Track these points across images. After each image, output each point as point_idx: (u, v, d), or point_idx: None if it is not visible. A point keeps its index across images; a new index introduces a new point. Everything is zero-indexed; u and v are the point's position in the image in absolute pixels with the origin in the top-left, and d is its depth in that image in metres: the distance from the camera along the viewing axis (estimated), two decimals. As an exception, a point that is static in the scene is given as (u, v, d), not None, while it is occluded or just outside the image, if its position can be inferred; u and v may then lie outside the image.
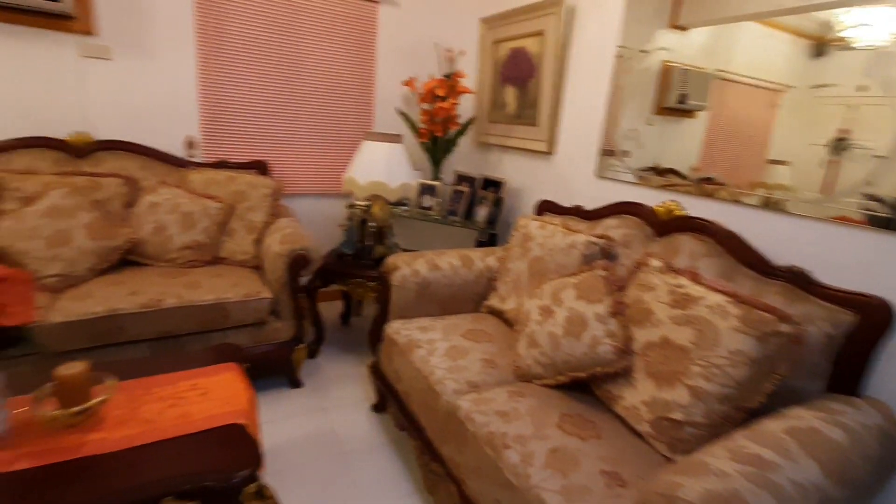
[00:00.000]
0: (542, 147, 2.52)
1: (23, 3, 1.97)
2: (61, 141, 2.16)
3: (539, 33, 2.48)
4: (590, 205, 2.11)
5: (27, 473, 0.99)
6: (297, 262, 1.99)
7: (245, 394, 1.33)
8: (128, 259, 2.04)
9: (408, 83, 2.83)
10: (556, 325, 1.42)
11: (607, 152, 2.13)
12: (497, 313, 1.90)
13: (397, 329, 1.75)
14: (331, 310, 2.96)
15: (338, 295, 3.03)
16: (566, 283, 1.51)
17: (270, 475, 1.63)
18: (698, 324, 1.20)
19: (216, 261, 2.17)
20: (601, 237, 1.65)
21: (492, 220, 2.65)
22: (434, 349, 1.58)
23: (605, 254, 1.65)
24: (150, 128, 2.42)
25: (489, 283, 2.03)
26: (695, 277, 1.29)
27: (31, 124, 2.18)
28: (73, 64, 2.22)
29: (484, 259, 2.04)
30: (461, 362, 1.51)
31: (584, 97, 2.26)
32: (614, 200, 2.04)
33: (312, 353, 2.38)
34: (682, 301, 1.25)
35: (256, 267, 2.20)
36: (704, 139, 1.74)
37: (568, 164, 2.39)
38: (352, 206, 2.46)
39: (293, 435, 1.84)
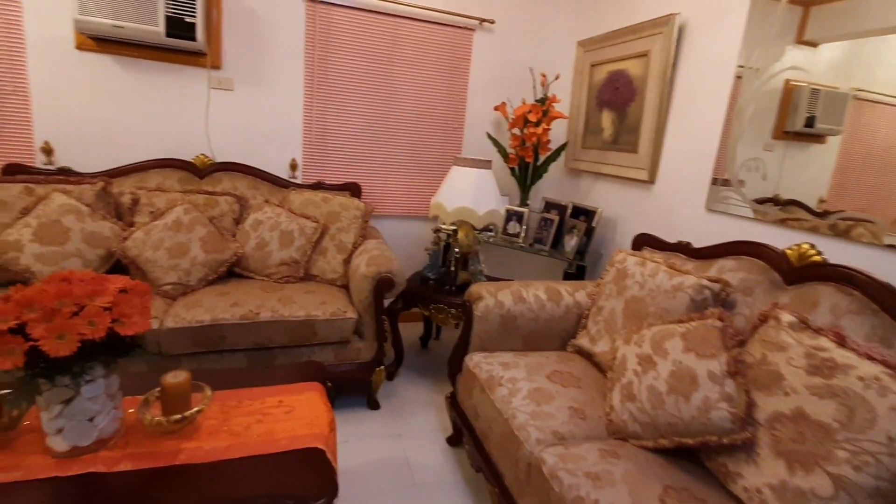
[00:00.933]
0: (641, 175, 2.34)
1: (168, 43, 2.26)
2: (187, 162, 2.42)
3: (643, 55, 2.33)
4: (698, 241, 1.90)
5: (128, 475, 1.05)
6: (383, 284, 2.01)
7: (326, 416, 1.33)
8: (233, 271, 2.20)
9: (499, 108, 2.81)
10: (659, 379, 1.26)
11: (720, 182, 1.92)
12: (586, 354, 1.76)
13: (478, 362, 1.68)
14: (410, 331, 2.97)
15: (418, 317, 3.04)
16: (671, 330, 1.34)
17: (341, 498, 1.62)
18: (846, 398, 0.98)
19: (308, 278, 2.27)
20: (715, 280, 1.46)
21: (581, 251, 2.50)
22: (517, 389, 1.48)
23: (720, 301, 1.45)
24: (260, 151, 2.64)
25: (578, 320, 1.89)
26: (840, 339, 1.08)
27: (165, 147, 2.48)
28: (202, 94, 2.49)
29: (573, 293, 1.91)
30: (546, 408, 1.39)
31: (694, 122, 2.07)
32: (729, 237, 1.83)
33: (391, 375, 2.38)
34: (823, 367, 1.04)
35: (344, 286, 2.27)
36: (836, 166, 1.49)
37: (672, 194, 2.19)
38: (437, 230, 2.46)
39: (366, 458, 1.83)
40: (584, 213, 2.58)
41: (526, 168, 2.76)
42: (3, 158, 2.25)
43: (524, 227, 2.68)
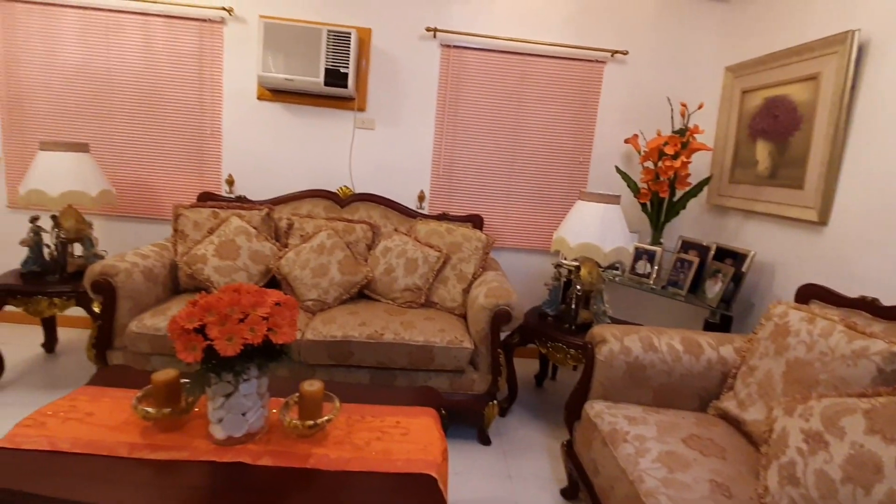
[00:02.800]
0: (808, 215, 2.01)
1: (325, 91, 2.60)
2: (332, 192, 2.73)
3: (810, 78, 2.04)
4: (888, 298, 1.55)
5: (268, 471, 1.17)
6: (500, 317, 2.00)
7: (440, 445, 1.34)
8: (362, 293, 2.38)
9: (630, 140, 2.68)
10: (832, 463, 1.03)
11: (923, 227, 1.55)
12: (732, 420, 1.52)
13: (599, 412, 1.56)
14: (525, 368, 2.89)
15: (534, 353, 2.95)
16: (850, 405, 1.10)
17: (449, 533, 1.59)
18: None
19: (428, 304, 2.36)
20: (918, 349, 1.17)
21: (727, 300, 2.21)
22: (645, 449, 1.33)
23: (926, 374, 1.15)
24: (393, 183, 2.86)
25: (722, 378, 1.65)
26: None
27: (315, 179, 2.83)
28: (349, 133, 2.81)
29: (717, 347, 1.68)
30: (681, 476, 1.22)
31: (884, 156, 1.72)
32: (937, 296, 1.46)
33: (503, 411, 2.32)
34: None
35: (462, 315, 2.31)
36: None
37: (850, 239, 1.83)
38: (558, 265, 2.38)
39: (475, 495, 1.79)
40: (732, 256, 2.28)
41: (660, 204, 2.56)
42: (200, 187, 2.78)
43: (656, 267, 2.46)
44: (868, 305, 1.49)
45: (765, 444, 1.25)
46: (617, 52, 2.74)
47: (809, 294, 1.71)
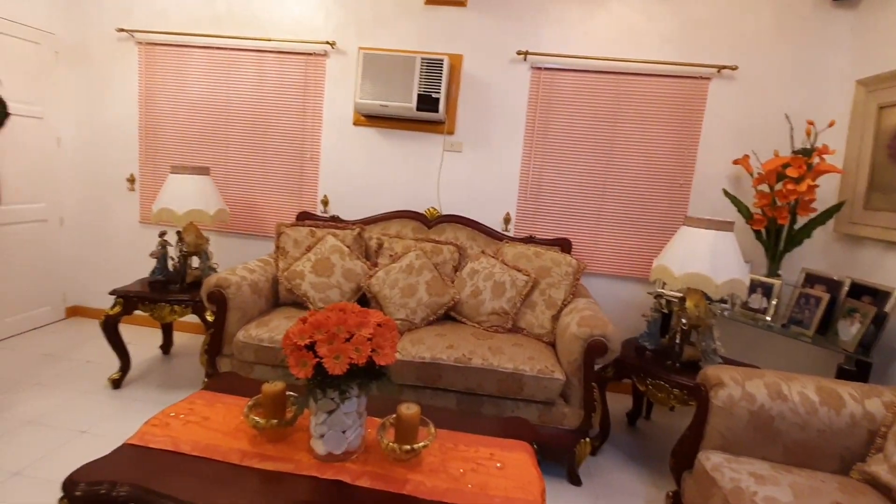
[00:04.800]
0: (977, 248, 1.69)
1: (417, 116, 2.68)
2: (419, 213, 2.78)
3: (980, 90, 1.74)
4: None
5: (366, 492, 1.16)
6: (595, 348, 1.87)
7: (539, 484, 1.25)
8: (448, 314, 2.37)
9: (740, 162, 2.46)
10: None
11: None
12: (884, 489, 1.27)
13: (718, 465, 1.38)
14: (615, 404, 2.69)
15: (625, 389, 2.74)
16: None
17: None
18: None
19: (515, 330, 2.29)
20: None
21: (865, 344, 1.90)
22: (782, 514, 1.15)
23: None
24: (479, 205, 2.86)
25: (869, 437, 1.40)
26: None
27: (405, 200, 2.90)
28: (437, 156, 2.86)
29: (861, 400, 1.44)
30: (834, 554, 1.03)
31: None
32: None
33: (594, 450, 2.17)
34: None
35: (551, 343, 2.20)
36: None
37: None
38: (658, 295, 2.21)
39: (566, 541, 1.66)
40: (871, 294, 1.97)
41: (777, 232, 2.30)
42: (299, 207, 2.97)
43: (773, 302, 2.20)
44: None
45: (946, 528, 1.02)
46: (725, 67, 2.55)
47: None
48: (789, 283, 2.28)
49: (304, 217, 2.83)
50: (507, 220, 2.85)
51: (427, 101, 2.64)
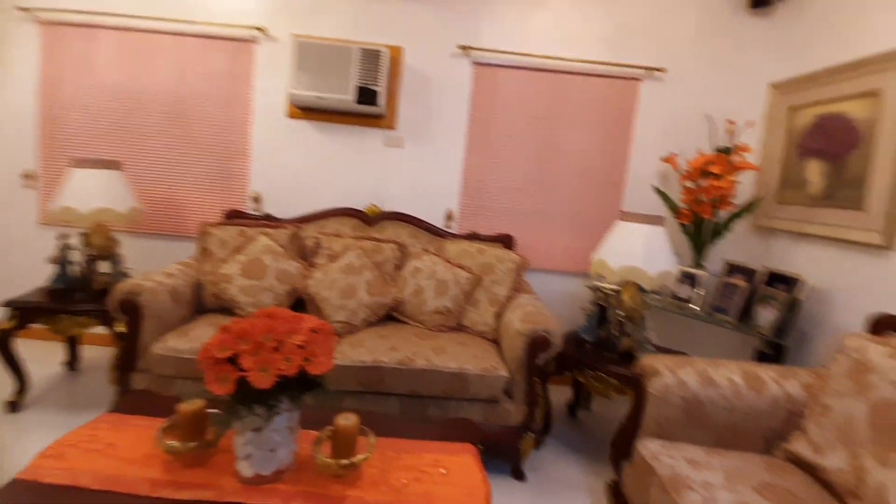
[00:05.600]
0: (871, 238, 1.87)
1: (356, 109, 2.57)
2: (360, 211, 2.67)
3: (871, 94, 1.92)
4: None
5: (300, 515, 1.06)
6: (538, 343, 1.88)
7: (483, 488, 1.22)
8: (390, 315, 2.29)
9: (668, 160, 2.57)
10: (958, 529, 0.88)
11: None
12: (806, 466, 1.36)
13: (656, 453, 1.42)
14: (557, 395, 2.73)
15: (566, 381, 2.80)
16: (969, 459, 0.95)
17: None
18: None
19: (459, 328, 2.26)
20: None
21: (781, 328, 2.05)
22: (714, 499, 1.19)
23: None
24: (421, 201, 2.79)
25: (788, 417, 1.50)
26: None
27: (343, 197, 2.78)
28: (378, 151, 2.76)
29: (781, 382, 1.53)
30: (762, 533, 1.08)
31: (963, 174, 1.59)
32: None
33: (537, 444, 2.18)
34: None
35: (495, 340, 2.19)
36: None
37: (925, 264, 1.68)
38: (597, 288, 2.26)
39: (513, 539, 1.65)
40: (784, 282, 2.13)
41: (702, 225, 2.43)
42: (227, 205, 2.75)
43: (699, 292, 2.32)
44: (961, 340, 1.34)
45: (855, 499, 1.10)
46: (654, 69, 2.66)
47: (884, 325, 1.55)
48: (713, 274, 2.42)
49: (233, 216, 2.62)
50: (449, 217, 2.81)
51: (366, 94, 2.54)
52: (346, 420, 1.18)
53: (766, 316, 2.07)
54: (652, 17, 2.67)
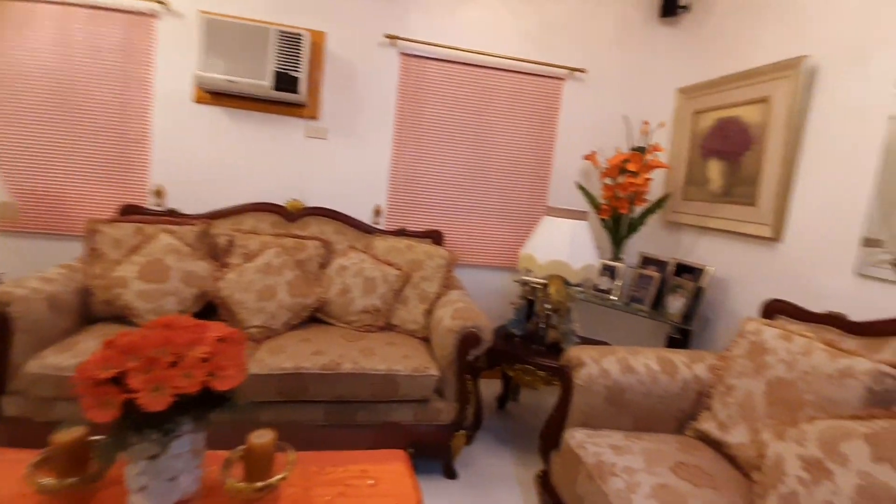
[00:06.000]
0: (763, 231, 2.06)
1: (273, 96, 2.39)
2: (280, 206, 2.49)
3: (762, 100, 2.11)
4: (848, 312, 1.58)
5: (208, 549, 0.94)
6: (469, 340, 1.86)
7: (414, 496, 1.17)
8: (315, 316, 2.16)
9: (589, 157, 2.68)
10: (840, 494, 0.97)
11: (874, 243, 1.61)
12: (713, 443, 1.47)
13: (582, 442, 1.45)
14: (485, 389, 2.75)
15: (495, 375, 2.83)
16: (847, 429, 1.06)
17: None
18: None
19: (388, 327, 2.18)
20: (899, 367, 1.16)
21: (687, 314, 2.21)
22: (636, 484, 1.23)
23: (909, 393, 1.15)
24: (347, 196, 2.67)
25: (697, 398, 1.61)
26: None
27: (261, 192, 2.57)
28: (299, 143, 2.59)
29: (690, 366, 1.64)
30: (679, 513, 1.13)
31: (834, 175, 1.80)
32: (891, 309, 1.50)
33: (468, 440, 2.17)
34: None
35: (425, 338, 2.15)
36: None
37: (805, 254, 1.89)
38: (525, 283, 2.30)
39: (446, 541, 1.62)
40: (690, 272, 2.30)
41: (619, 220, 2.56)
42: (122, 200, 2.44)
43: (618, 283, 2.44)
44: (835, 321, 1.51)
45: (757, 472, 1.20)
46: (576, 69, 2.75)
47: (775, 309, 1.72)
48: (630, 266, 2.56)
49: (129, 211, 2.33)
50: (377, 213, 2.72)
51: (285, 81, 2.37)
52: (260, 438, 1.07)
53: (676, 304, 2.23)
54: (574, 19, 2.76)
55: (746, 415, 1.40)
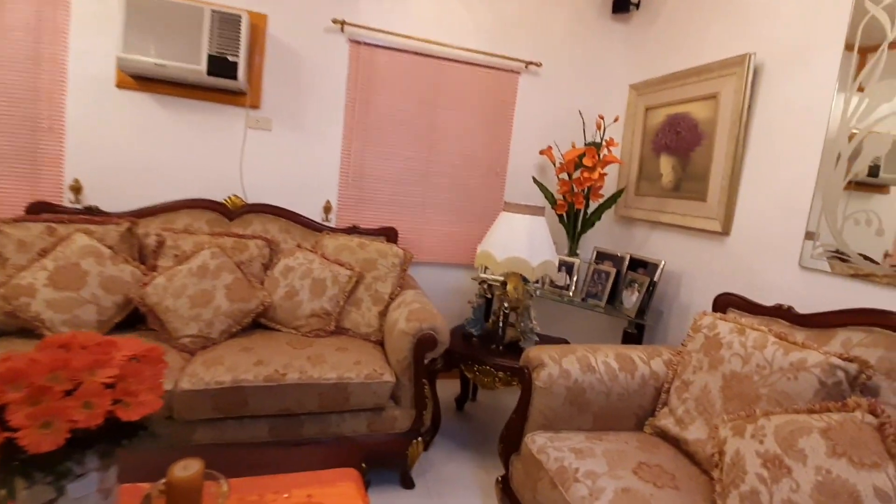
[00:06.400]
0: (712, 226, 2.10)
1: (209, 82, 2.18)
2: (218, 202, 2.29)
3: (710, 97, 2.15)
4: (795, 304, 1.63)
5: None
6: (425, 343, 1.77)
7: (366, 520, 1.07)
8: (258, 322, 2.00)
9: (545, 152, 2.65)
10: (800, 492, 0.97)
11: (817, 236, 1.66)
12: (671, 440, 1.46)
13: (543, 447, 1.40)
14: (443, 391, 2.68)
15: (453, 375, 2.76)
16: (803, 424, 1.06)
17: None
18: None
19: (340, 331, 2.05)
20: (848, 359, 1.18)
21: (642, 309, 2.23)
22: (599, 489, 1.19)
23: (857, 385, 1.17)
24: (294, 192, 2.50)
25: (656, 394, 1.60)
26: None
27: (197, 187, 2.36)
28: (239, 134, 2.40)
29: (648, 361, 1.64)
30: (643, 519, 1.10)
31: (780, 169, 1.84)
32: (835, 301, 1.55)
33: (426, 446, 2.09)
34: None
35: (379, 342, 2.04)
36: None
37: (753, 248, 1.93)
38: (482, 281, 2.23)
39: (403, 557, 1.53)
40: (643, 266, 2.32)
41: (575, 215, 2.56)
42: (32, 196, 2.15)
43: (574, 278, 2.43)
44: (784, 313, 1.54)
45: (716, 469, 1.18)
46: (531, 63, 2.70)
47: (727, 303, 1.74)
48: (585, 261, 2.56)
49: (39, 209, 2.05)
50: (327, 210, 2.57)
51: (222, 65, 2.16)
52: (185, 470, 0.93)
53: (631, 299, 2.24)
54: (528, 12, 2.71)
55: (703, 410, 1.40)
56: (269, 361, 1.67)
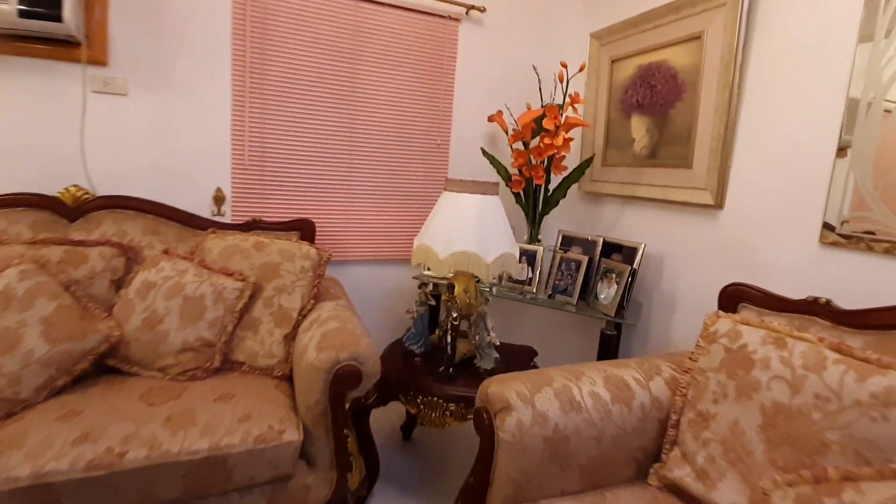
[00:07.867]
0: (700, 198, 1.71)
1: (23, 27, 1.52)
2: (49, 197, 1.64)
3: (693, 38, 1.74)
4: (812, 290, 1.26)
5: None
6: (344, 379, 1.26)
7: None
8: (106, 364, 1.40)
9: (494, 118, 2.16)
10: None
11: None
12: (688, 498, 1.04)
13: (517, 540, 0.94)
14: (382, 417, 2.17)
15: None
16: (929, 506, 0.65)
17: None
18: None
19: (228, 367, 1.49)
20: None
21: (620, 303, 1.82)
22: None
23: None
24: (169, 180, 1.88)
25: (660, 428, 1.18)
26: None
27: (21, 177, 1.69)
28: (76, 100, 1.73)
29: (646, 384, 1.21)
30: None
31: (788, 122, 1.46)
32: (875, 287, 1.18)
33: (361, 501, 1.59)
34: None
35: (286, 377, 1.50)
36: None
37: (752, 221, 1.56)
38: (423, 283, 1.74)
39: None
40: (618, 251, 1.91)
41: (535, 193, 2.10)
42: None
43: (538, 270, 1.99)
44: (822, 310, 1.15)
45: (780, 569, 0.77)
46: (473, 7, 2.19)
47: (736, 296, 1.35)
48: (549, 248, 2.12)
49: None
50: (219, 201, 1.96)
51: (39, 3, 1.51)
52: None
53: (608, 292, 1.82)
54: (463, -58, 2.19)
55: (736, 459, 0.98)
56: (101, 434, 1.09)
